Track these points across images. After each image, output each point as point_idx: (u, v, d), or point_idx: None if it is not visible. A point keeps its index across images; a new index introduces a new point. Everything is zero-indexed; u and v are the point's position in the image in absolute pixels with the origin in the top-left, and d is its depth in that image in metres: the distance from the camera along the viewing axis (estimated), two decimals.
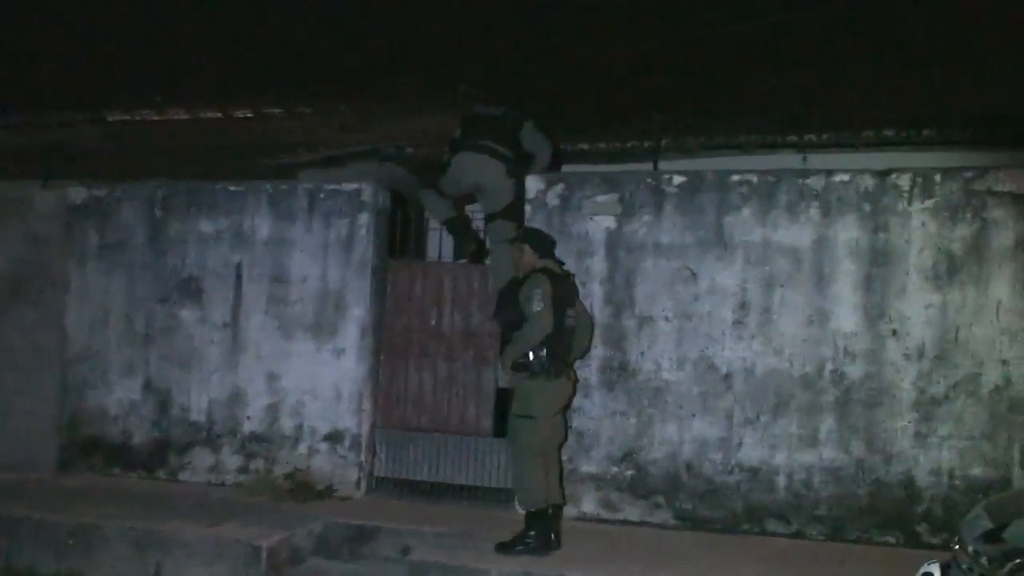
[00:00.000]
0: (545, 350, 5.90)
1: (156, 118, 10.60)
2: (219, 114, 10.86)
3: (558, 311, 5.95)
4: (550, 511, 6.00)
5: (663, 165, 9.94)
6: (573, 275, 6.54)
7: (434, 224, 7.85)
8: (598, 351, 6.86)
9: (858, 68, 10.02)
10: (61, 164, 9.54)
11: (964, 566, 2.17)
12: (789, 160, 9.96)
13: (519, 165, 7.09)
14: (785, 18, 10.60)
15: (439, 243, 7.81)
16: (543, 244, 6.29)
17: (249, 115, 11.06)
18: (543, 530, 5.94)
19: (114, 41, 8.38)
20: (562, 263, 6.42)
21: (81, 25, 7.50)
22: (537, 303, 5.84)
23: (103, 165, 10.03)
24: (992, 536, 2.16)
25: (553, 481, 6.16)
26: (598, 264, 6.92)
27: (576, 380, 6.49)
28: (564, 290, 6.11)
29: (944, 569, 2.31)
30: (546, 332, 5.85)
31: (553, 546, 5.93)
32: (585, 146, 10.58)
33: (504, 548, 5.90)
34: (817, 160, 9.66)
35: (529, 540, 5.89)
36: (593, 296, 6.89)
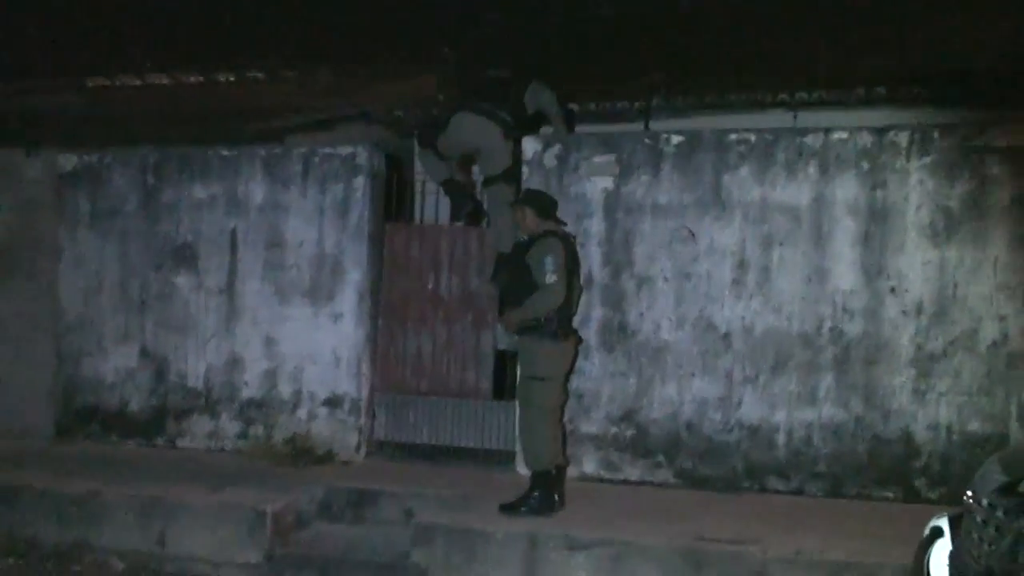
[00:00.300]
0: (558, 313, 5.94)
1: (137, 83, 10.49)
2: (201, 79, 10.76)
3: (570, 274, 6.00)
4: (554, 472, 6.03)
5: (653, 126, 9.94)
6: (573, 236, 6.52)
7: (430, 187, 7.80)
8: (597, 312, 6.87)
9: (848, 24, 9.99)
10: (42, 132, 9.44)
11: (979, 519, 2.17)
12: (780, 119, 9.98)
13: (521, 127, 7.06)
14: None
15: (436, 206, 7.75)
16: (544, 205, 6.25)
17: (232, 79, 10.97)
18: (547, 491, 5.97)
19: (94, 5, 8.27)
20: (563, 223, 6.40)
21: None
22: (551, 274, 5.85)
23: (85, 132, 9.94)
24: (1008, 489, 2.16)
25: (558, 443, 6.20)
26: (596, 225, 6.91)
27: (580, 342, 6.49)
28: (574, 250, 6.14)
29: (954, 522, 2.31)
30: (558, 304, 5.89)
31: (557, 507, 5.97)
32: (575, 107, 10.56)
33: (508, 509, 5.93)
34: (808, 119, 9.67)
35: (532, 501, 5.92)
36: (592, 257, 6.88)
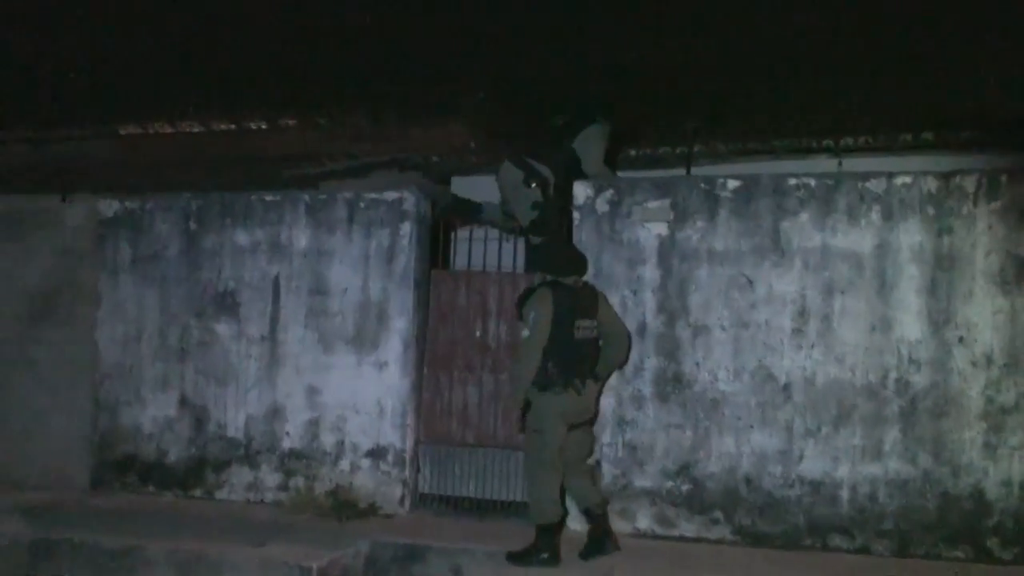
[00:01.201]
0: (551, 363, 5.82)
1: (169, 131, 10.47)
2: (233, 126, 10.74)
3: (564, 323, 5.84)
4: (558, 524, 5.96)
5: (694, 171, 9.79)
6: (593, 287, 6.32)
7: (473, 234, 7.69)
8: (651, 361, 6.66)
9: (894, 71, 9.84)
10: (76, 179, 9.41)
11: None
12: (823, 165, 9.82)
13: (565, 174, 6.95)
14: (820, 21, 10.45)
15: (468, 254, 7.64)
16: (546, 260, 6.17)
17: (263, 127, 10.94)
18: (551, 545, 5.86)
19: (126, 54, 8.24)
20: (573, 277, 6.16)
21: (93, 38, 7.37)
22: (526, 329, 5.84)
23: (119, 179, 9.90)
24: None
25: (588, 486, 6.17)
26: (650, 272, 6.72)
27: (598, 392, 6.32)
28: (573, 301, 5.94)
29: None
30: (533, 358, 5.79)
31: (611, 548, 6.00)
32: (616, 156, 10.44)
33: (516, 559, 5.86)
34: (852, 165, 9.50)
35: (544, 556, 5.82)
36: (646, 305, 6.69)
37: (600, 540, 6.04)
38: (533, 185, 6.92)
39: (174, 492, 7.62)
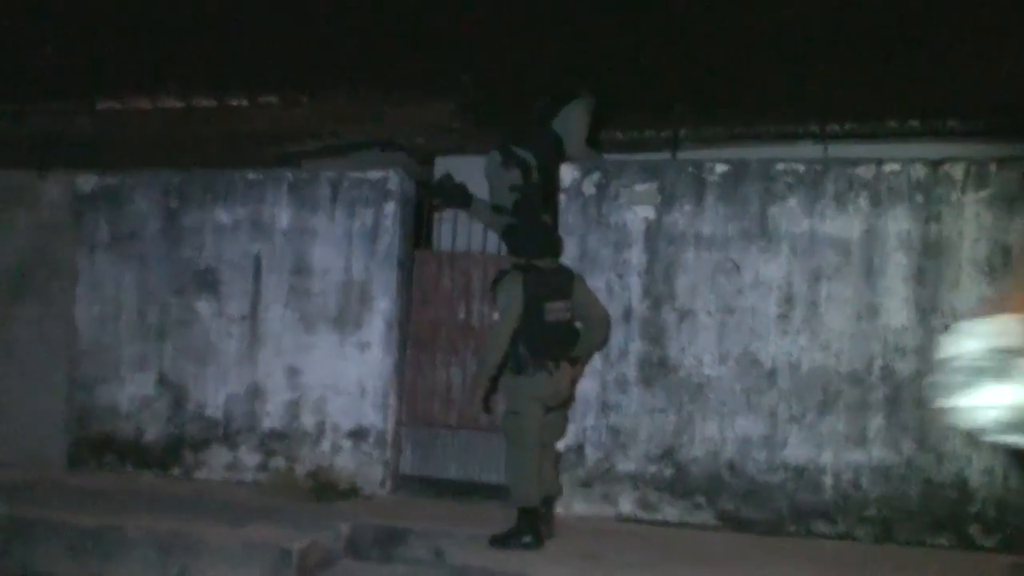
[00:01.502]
0: (523, 346, 5.79)
1: (148, 106, 10.33)
2: (214, 102, 10.60)
3: (535, 306, 5.81)
4: (541, 507, 5.91)
5: (680, 156, 9.76)
6: (569, 269, 6.25)
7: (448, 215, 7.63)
8: (636, 345, 6.63)
9: (881, 57, 9.82)
10: (53, 154, 9.26)
11: None
12: (809, 151, 9.80)
13: (548, 156, 6.87)
14: (807, 7, 10.41)
15: (452, 234, 7.59)
16: (516, 241, 6.09)
17: (245, 103, 10.81)
18: (534, 528, 5.82)
19: (105, 28, 8.11)
20: (558, 261, 6.21)
21: (73, 11, 7.25)
22: (499, 311, 5.85)
23: (96, 155, 9.77)
24: None
25: (547, 474, 6.06)
26: (636, 256, 6.68)
27: (576, 375, 6.32)
28: (544, 284, 5.90)
29: None
30: (501, 344, 5.77)
31: (545, 537, 5.89)
32: (601, 135, 10.39)
33: (498, 543, 5.83)
34: (839, 151, 9.48)
35: (526, 540, 5.79)
36: (631, 289, 6.65)
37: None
38: (513, 168, 6.85)
39: (152, 472, 7.53)
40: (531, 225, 6.26)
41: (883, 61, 9.69)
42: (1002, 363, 3.07)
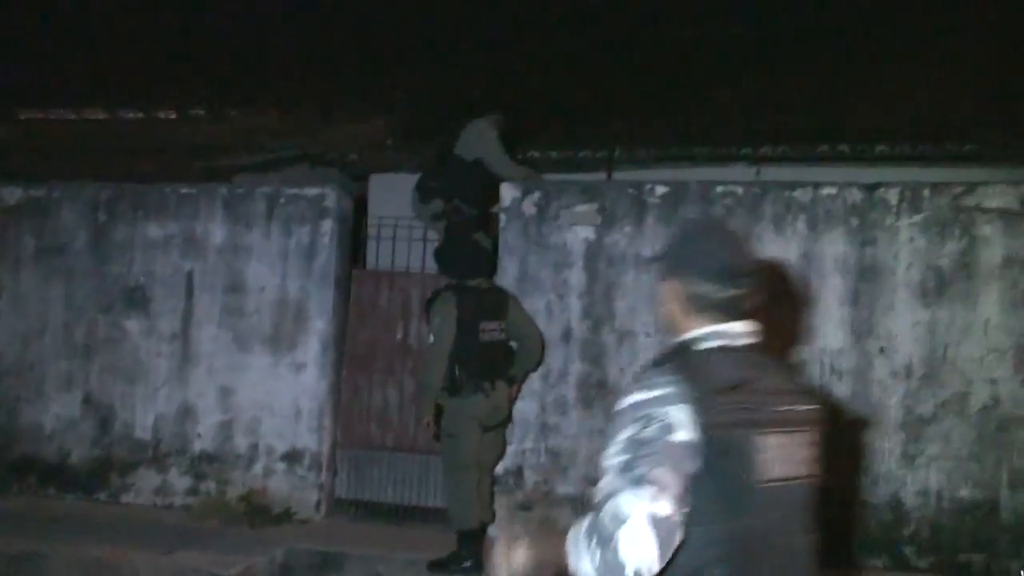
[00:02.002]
0: (458, 367, 5.77)
1: (72, 117, 10.08)
2: (140, 114, 10.39)
3: (469, 327, 5.81)
4: (480, 530, 5.86)
5: (614, 176, 9.79)
6: (502, 289, 6.29)
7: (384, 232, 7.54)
8: (575, 367, 6.60)
9: (813, 82, 9.99)
10: None
11: None
12: (741, 173, 9.91)
13: (456, 184, 6.87)
14: (740, 30, 10.57)
15: (391, 253, 7.50)
16: (445, 261, 6.15)
17: (172, 116, 10.61)
18: (473, 552, 5.75)
19: (30, 37, 7.91)
20: (490, 282, 6.24)
21: None
22: (431, 334, 5.85)
23: (20, 166, 9.52)
24: None
25: (488, 497, 6.05)
26: (576, 276, 6.65)
27: (514, 394, 6.25)
28: (477, 304, 5.90)
29: None
30: (435, 365, 5.76)
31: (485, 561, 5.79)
32: (536, 154, 10.39)
33: (437, 567, 5.76)
34: (771, 174, 9.60)
35: (466, 565, 5.73)
36: (571, 310, 6.62)
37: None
38: (432, 200, 6.84)
39: (76, 495, 7.28)
40: (460, 246, 6.25)
41: (815, 86, 9.85)
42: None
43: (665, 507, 1.88)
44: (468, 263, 6.06)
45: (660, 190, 6.64)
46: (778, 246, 6.39)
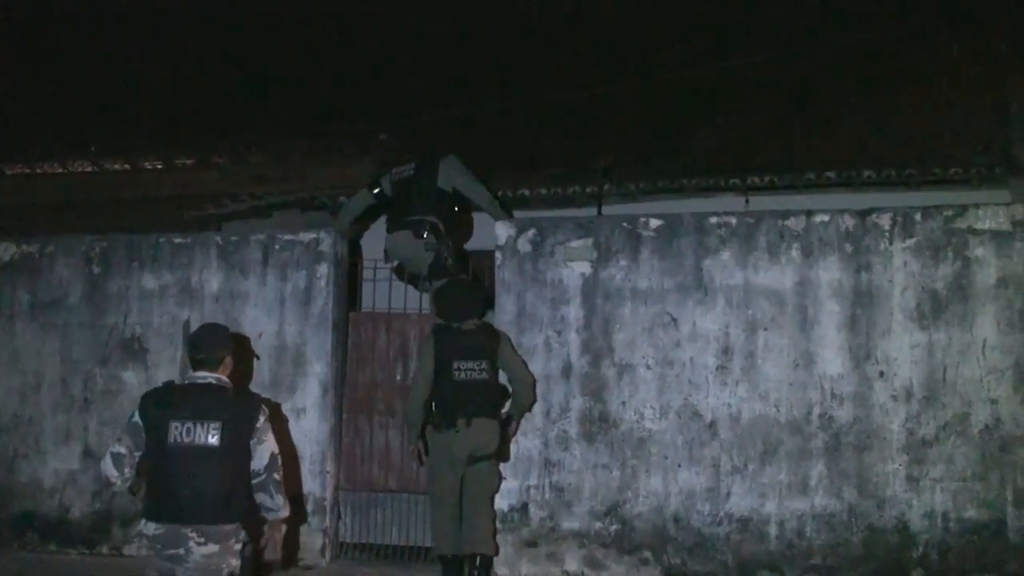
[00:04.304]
0: (435, 404, 6.05)
1: (60, 171, 10.10)
2: (127, 166, 10.41)
3: (444, 366, 6.02)
4: (461, 562, 6.03)
5: (604, 211, 9.87)
6: (493, 329, 6.34)
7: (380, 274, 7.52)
8: (576, 401, 6.61)
9: (797, 112, 10.11)
10: None
11: None
12: (730, 203, 10.01)
13: (445, 218, 6.84)
14: (726, 66, 10.72)
15: (388, 296, 7.49)
16: (440, 304, 6.35)
17: (159, 166, 10.64)
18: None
19: (15, 92, 7.93)
20: (480, 322, 6.29)
21: None
22: (413, 372, 6.29)
23: (11, 222, 9.53)
24: None
25: (466, 531, 6.06)
26: (574, 312, 6.67)
27: (510, 432, 6.34)
28: (455, 344, 6.08)
29: None
30: (415, 401, 6.10)
31: None
32: (525, 192, 10.46)
33: None
34: (759, 203, 9.70)
35: None
36: (570, 345, 6.64)
37: None
38: (424, 235, 6.79)
39: (78, 550, 7.21)
40: (451, 287, 6.39)
41: (800, 116, 9.97)
42: None
43: None
44: (454, 305, 6.25)
45: (654, 223, 6.68)
46: (773, 274, 6.44)
